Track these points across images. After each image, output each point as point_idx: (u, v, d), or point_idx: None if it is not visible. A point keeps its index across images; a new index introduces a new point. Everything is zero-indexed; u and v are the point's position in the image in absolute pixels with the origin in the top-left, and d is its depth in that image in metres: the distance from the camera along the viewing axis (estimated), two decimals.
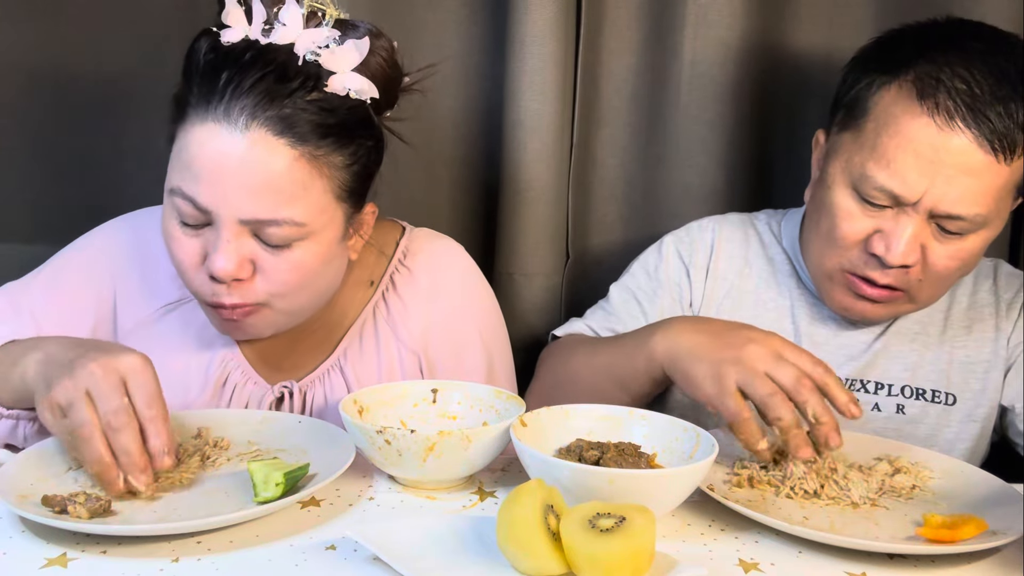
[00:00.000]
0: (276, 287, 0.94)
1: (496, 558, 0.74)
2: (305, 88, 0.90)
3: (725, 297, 1.24)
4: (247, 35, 0.91)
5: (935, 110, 1.01)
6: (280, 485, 0.82)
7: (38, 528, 0.80)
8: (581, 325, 1.26)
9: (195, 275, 0.94)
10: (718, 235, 1.27)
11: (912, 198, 1.03)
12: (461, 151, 1.45)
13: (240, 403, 1.07)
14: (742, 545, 0.83)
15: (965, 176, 1.01)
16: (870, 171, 1.04)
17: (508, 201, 1.38)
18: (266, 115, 0.88)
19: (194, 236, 0.93)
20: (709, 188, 1.40)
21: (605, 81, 1.42)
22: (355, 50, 0.91)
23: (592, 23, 1.39)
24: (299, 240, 0.93)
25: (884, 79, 1.06)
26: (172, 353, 1.05)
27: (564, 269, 1.43)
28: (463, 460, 0.89)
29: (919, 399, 1.18)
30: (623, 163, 1.44)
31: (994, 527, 0.82)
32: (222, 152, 0.88)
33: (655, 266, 1.27)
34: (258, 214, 0.89)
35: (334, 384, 1.08)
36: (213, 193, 0.89)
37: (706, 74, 1.37)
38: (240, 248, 0.91)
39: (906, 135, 1.02)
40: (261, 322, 0.97)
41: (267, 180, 0.89)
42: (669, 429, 0.91)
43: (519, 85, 1.33)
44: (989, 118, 1.00)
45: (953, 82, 1.01)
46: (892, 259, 1.04)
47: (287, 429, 1.01)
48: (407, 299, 1.10)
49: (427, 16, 1.40)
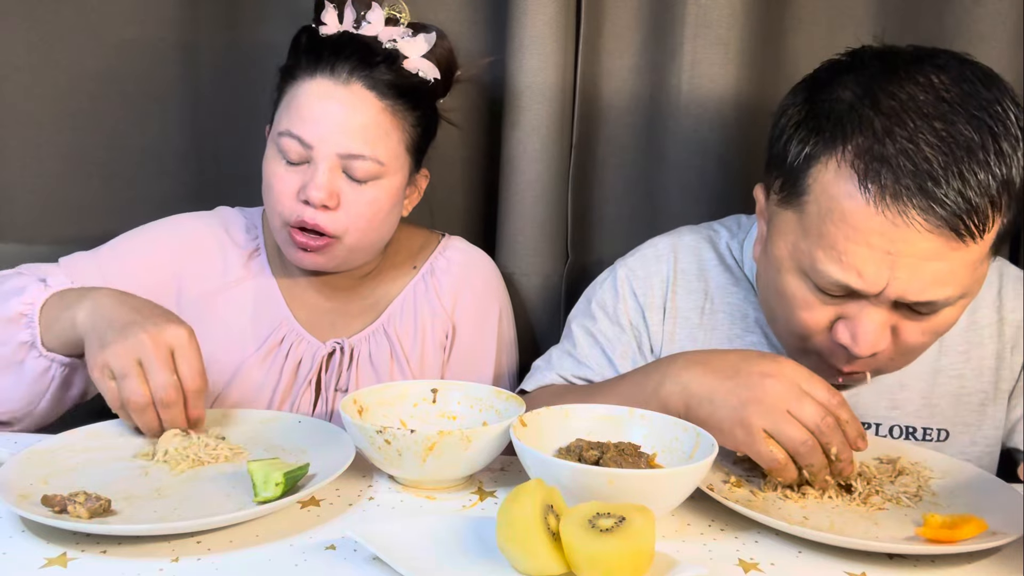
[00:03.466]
0: (353, 219, 1.13)
1: (496, 558, 0.74)
2: (388, 62, 1.13)
3: (687, 338, 1.14)
4: (340, 30, 1.14)
5: (881, 197, 0.86)
6: (280, 485, 0.82)
7: (38, 528, 0.80)
8: (552, 376, 1.17)
9: (289, 203, 1.12)
10: (673, 267, 1.16)
11: (873, 291, 0.89)
12: (461, 151, 1.45)
13: (295, 359, 1.21)
14: (742, 545, 0.83)
15: (930, 263, 0.87)
16: (820, 264, 0.90)
17: (508, 201, 1.38)
18: (361, 74, 1.12)
19: (294, 172, 1.12)
20: (709, 188, 1.40)
21: (605, 81, 1.42)
22: (424, 41, 1.16)
23: (592, 23, 1.39)
24: (376, 179, 1.13)
25: (819, 150, 0.91)
26: (232, 318, 1.22)
27: (564, 269, 1.43)
28: (463, 460, 0.89)
29: (908, 438, 1.09)
30: (623, 163, 1.44)
31: (994, 527, 0.82)
32: (328, 98, 1.11)
33: (613, 307, 1.17)
34: (352, 149, 1.11)
35: (379, 343, 1.23)
36: (318, 131, 1.10)
37: (706, 74, 1.37)
38: (332, 180, 1.11)
39: (853, 226, 0.88)
40: (329, 254, 1.15)
41: (361, 122, 1.11)
42: (669, 429, 0.91)
43: (519, 85, 1.34)
44: (947, 199, 0.84)
45: (899, 160, 0.85)
46: (859, 350, 0.92)
47: (287, 429, 1.01)
48: (443, 282, 1.28)
49: (427, 16, 1.39)
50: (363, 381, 1.21)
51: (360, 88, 1.11)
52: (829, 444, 0.86)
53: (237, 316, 1.22)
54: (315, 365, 1.21)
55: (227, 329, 1.21)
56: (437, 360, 1.26)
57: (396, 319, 1.25)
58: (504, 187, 1.38)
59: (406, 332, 1.25)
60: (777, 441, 0.86)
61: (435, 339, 1.26)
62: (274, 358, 1.20)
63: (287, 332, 1.22)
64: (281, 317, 1.22)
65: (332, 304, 1.25)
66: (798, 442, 0.86)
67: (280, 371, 1.20)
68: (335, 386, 1.21)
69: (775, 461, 0.87)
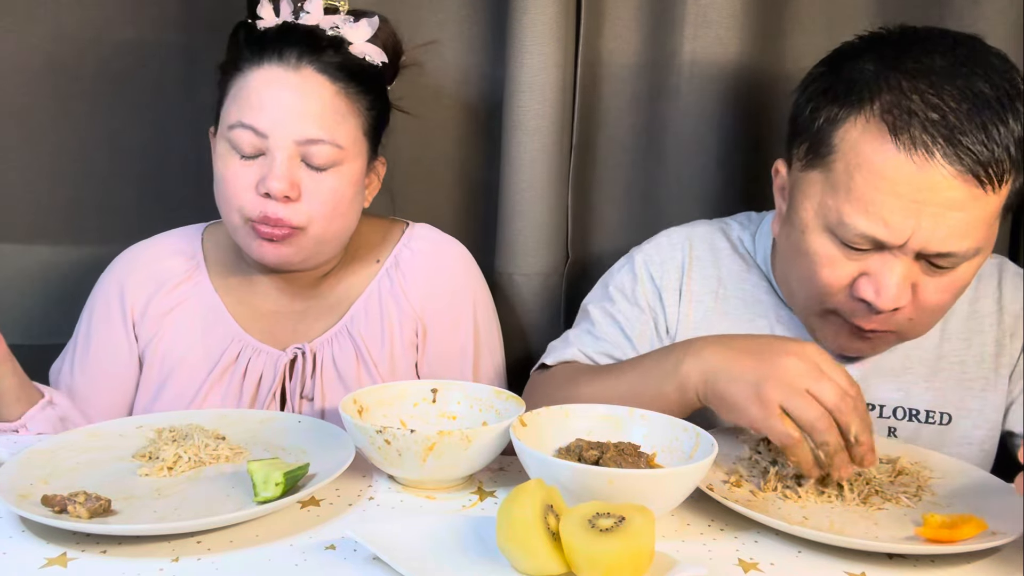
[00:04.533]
0: (316, 208, 1.09)
1: (496, 558, 0.74)
2: (334, 47, 1.11)
3: (702, 320, 1.17)
4: (278, 22, 1.12)
5: (911, 147, 0.92)
6: (280, 485, 0.82)
7: (38, 528, 0.80)
8: (573, 351, 1.18)
9: (248, 197, 1.08)
10: (688, 253, 1.19)
11: (898, 242, 0.94)
12: (461, 151, 1.45)
13: (255, 373, 1.17)
14: (742, 545, 0.83)
15: (952, 212, 0.93)
16: (847, 217, 0.96)
17: (508, 201, 1.38)
18: (310, 59, 1.09)
19: (249, 166, 1.08)
20: (709, 188, 1.40)
21: (605, 81, 1.42)
22: (367, 26, 1.14)
23: (592, 23, 1.39)
24: (336, 166, 1.10)
25: (846, 112, 0.97)
26: (180, 344, 1.19)
27: (564, 269, 1.43)
28: (463, 460, 0.89)
29: (912, 420, 1.11)
30: (623, 163, 1.44)
31: (994, 527, 0.82)
32: (280, 84, 1.08)
33: (631, 289, 1.20)
34: (309, 134, 1.07)
35: (343, 345, 1.19)
36: (272, 119, 1.07)
37: (706, 74, 1.37)
38: (292, 170, 1.07)
39: (882, 175, 0.93)
40: (296, 245, 1.10)
41: (317, 106, 1.08)
42: (669, 429, 0.91)
43: (519, 85, 1.33)
44: (971, 149, 0.91)
45: (926, 112, 0.92)
46: (882, 304, 0.97)
47: (287, 429, 1.01)
48: (409, 276, 1.22)
49: (427, 16, 1.40)
50: (328, 387, 1.17)
51: (311, 72, 1.08)
52: (848, 424, 0.85)
53: (185, 341, 1.19)
54: (277, 376, 1.17)
55: (179, 355, 1.18)
56: (409, 362, 1.21)
57: (360, 319, 1.20)
58: (504, 187, 1.38)
59: (372, 333, 1.20)
60: (792, 418, 0.86)
61: (404, 339, 1.21)
62: (231, 376, 1.17)
63: (242, 347, 1.18)
64: (232, 334, 1.19)
65: (292, 307, 1.21)
66: (814, 417, 0.85)
67: (240, 388, 1.17)
68: (300, 394, 1.17)
69: (788, 437, 0.86)
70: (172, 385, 1.18)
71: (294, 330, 1.20)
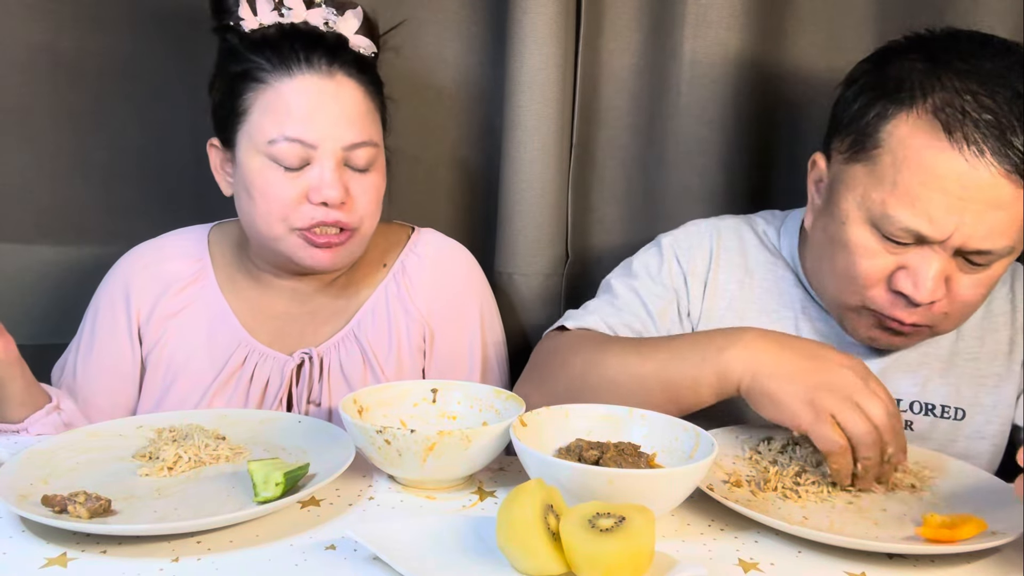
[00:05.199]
0: (364, 207, 1.12)
1: (496, 558, 0.74)
2: (343, 46, 1.12)
3: (727, 310, 1.18)
4: (261, 22, 1.11)
5: (964, 144, 0.94)
6: (280, 485, 0.82)
7: (38, 528, 0.80)
8: (595, 319, 1.17)
9: (296, 209, 1.09)
10: (716, 243, 1.21)
11: (940, 237, 0.97)
12: (461, 151, 1.45)
13: (262, 378, 1.17)
14: (742, 545, 0.83)
15: (993, 210, 0.96)
16: (892, 210, 0.98)
17: (508, 201, 1.38)
18: (340, 63, 1.10)
19: (293, 177, 1.08)
20: (709, 188, 1.40)
21: (605, 81, 1.42)
22: (354, 17, 1.14)
23: (592, 23, 1.39)
24: (373, 163, 1.12)
25: (896, 108, 0.99)
26: (187, 349, 1.19)
27: (564, 269, 1.43)
28: (463, 460, 0.89)
29: (928, 414, 1.13)
30: (623, 163, 1.44)
31: (994, 527, 0.82)
32: (319, 93, 1.08)
33: (657, 268, 1.21)
34: (353, 139, 1.09)
35: (350, 350, 1.19)
36: (319, 129, 1.07)
37: (706, 74, 1.37)
38: (341, 176, 1.09)
39: (931, 171, 0.96)
40: (347, 249, 1.13)
41: (354, 110, 1.10)
42: (669, 429, 0.92)
43: (519, 85, 1.33)
44: (1017, 147, 0.94)
45: (980, 113, 0.95)
46: (920, 297, 0.99)
47: (287, 429, 1.01)
48: (416, 280, 1.23)
49: (427, 16, 1.40)
50: (335, 392, 1.17)
51: (342, 77, 1.10)
52: (887, 444, 0.88)
53: (190, 345, 1.18)
54: (284, 381, 1.16)
55: (184, 360, 1.18)
56: (415, 366, 1.21)
57: (367, 324, 1.20)
58: (504, 187, 1.38)
59: (379, 338, 1.20)
60: (842, 428, 0.88)
61: (411, 343, 1.21)
62: (237, 381, 1.17)
63: (248, 352, 1.18)
64: (239, 338, 1.18)
65: (300, 311, 1.21)
66: (863, 431, 0.87)
67: (247, 393, 1.17)
68: (307, 399, 1.17)
69: (836, 444, 0.88)
70: (177, 390, 1.17)
71: (301, 334, 1.20)
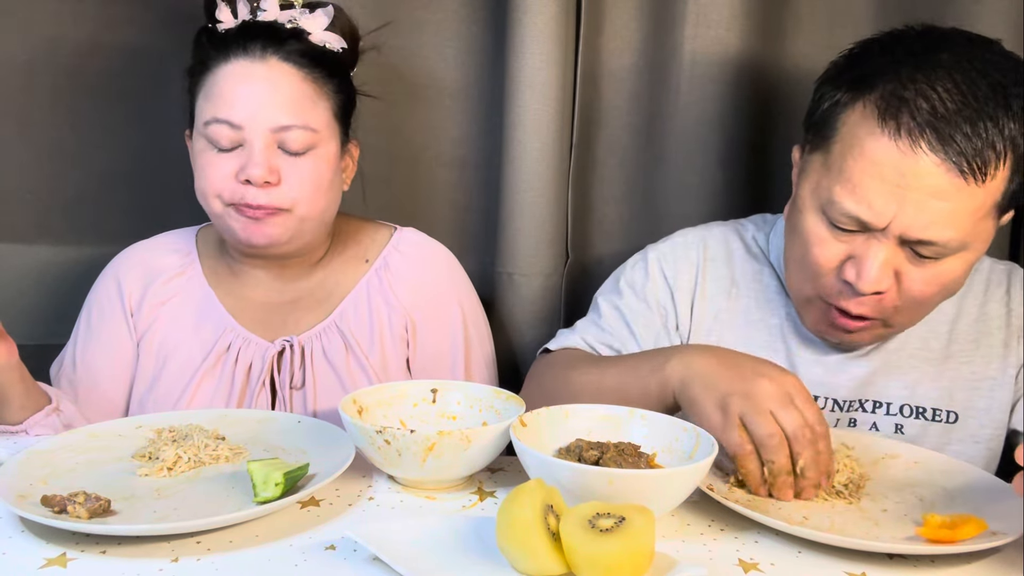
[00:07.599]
0: (297, 190, 1.13)
1: (496, 558, 0.74)
2: (295, 37, 1.15)
3: (714, 320, 1.19)
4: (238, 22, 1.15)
5: (897, 132, 0.96)
6: (280, 485, 0.82)
7: (38, 528, 0.80)
8: (576, 339, 1.22)
9: (228, 183, 1.12)
10: (703, 254, 1.22)
11: (880, 224, 0.98)
12: (461, 151, 1.45)
13: (245, 362, 1.20)
14: (742, 545, 0.83)
15: (934, 200, 0.96)
16: (837, 196, 0.99)
17: (508, 201, 1.38)
18: (274, 49, 1.13)
19: (228, 158, 1.12)
20: (709, 188, 1.40)
21: (605, 81, 1.42)
22: (323, 14, 1.18)
23: (592, 23, 1.39)
24: (312, 149, 1.14)
25: (849, 97, 1.01)
26: (176, 334, 1.23)
27: (564, 269, 1.43)
28: (463, 460, 0.89)
29: (919, 418, 1.13)
30: (623, 163, 1.45)
31: (994, 527, 0.82)
32: (248, 76, 1.12)
33: (641, 286, 1.22)
34: (282, 121, 1.12)
35: (332, 340, 1.22)
36: (246, 110, 1.11)
37: (706, 74, 1.37)
38: (269, 157, 1.11)
39: (870, 158, 0.97)
40: (281, 226, 1.14)
41: (287, 93, 1.13)
42: (669, 429, 0.92)
43: (519, 84, 1.33)
44: (955, 139, 0.94)
45: (917, 101, 0.95)
46: (863, 286, 1.00)
47: (287, 429, 1.01)
48: (398, 275, 1.26)
49: (427, 16, 1.40)
50: (320, 377, 1.20)
51: (277, 62, 1.13)
52: (799, 454, 0.88)
53: (179, 331, 1.23)
54: (266, 366, 1.19)
55: (172, 346, 1.22)
56: (399, 356, 1.24)
57: (349, 315, 1.24)
58: (504, 187, 1.38)
59: (361, 328, 1.23)
60: (748, 431, 0.88)
61: (394, 333, 1.24)
62: (223, 366, 1.20)
63: (233, 338, 1.21)
64: (224, 324, 1.22)
65: (282, 298, 1.24)
66: (765, 434, 0.87)
67: (232, 376, 1.20)
68: (290, 384, 1.20)
69: (740, 447, 0.88)
70: (166, 375, 1.21)
71: (284, 322, 1.23)
